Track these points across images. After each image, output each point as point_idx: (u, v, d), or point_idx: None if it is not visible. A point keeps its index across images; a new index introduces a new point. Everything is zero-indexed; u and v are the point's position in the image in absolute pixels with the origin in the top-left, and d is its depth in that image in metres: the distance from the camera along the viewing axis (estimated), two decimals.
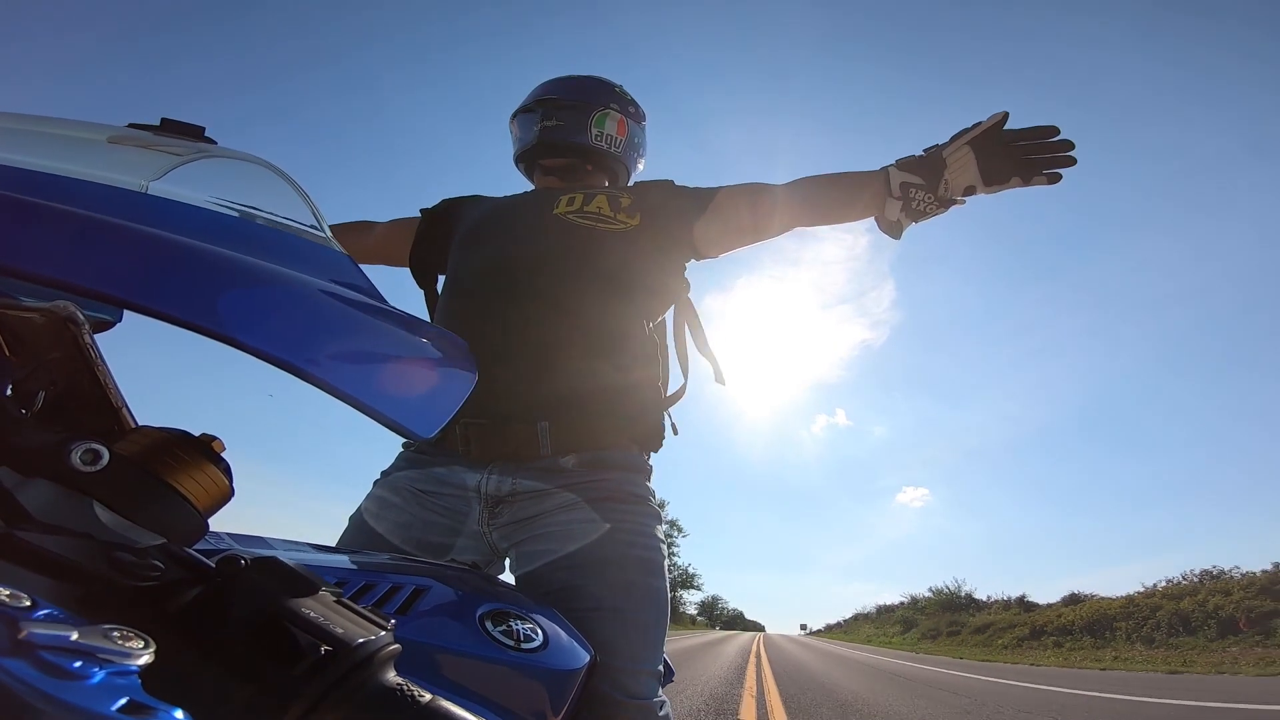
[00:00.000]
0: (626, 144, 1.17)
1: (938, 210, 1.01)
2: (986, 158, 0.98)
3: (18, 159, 0.35)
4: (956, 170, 0.99)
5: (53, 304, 0.35)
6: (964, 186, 1.00)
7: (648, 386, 0.99)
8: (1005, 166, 0.98)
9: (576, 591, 0.81)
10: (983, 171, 0.98)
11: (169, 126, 0.45)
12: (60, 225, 0.31)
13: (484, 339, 0.92)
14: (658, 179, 1.14)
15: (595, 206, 1.02)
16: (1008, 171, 0.98)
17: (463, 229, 1.11)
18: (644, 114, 1.23)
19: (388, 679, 0.31)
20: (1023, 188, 1.00)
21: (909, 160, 1.02)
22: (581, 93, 1.15)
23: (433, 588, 0.54)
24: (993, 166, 0.98)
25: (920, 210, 1.01)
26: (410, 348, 0.40)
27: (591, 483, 0.88)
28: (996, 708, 5.40)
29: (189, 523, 0.33)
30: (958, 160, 0.99)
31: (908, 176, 1.00)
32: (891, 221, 1.02)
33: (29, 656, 0.21)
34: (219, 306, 0.31)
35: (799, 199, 1.05)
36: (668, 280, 1.06)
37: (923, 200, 1.00)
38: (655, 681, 0.82)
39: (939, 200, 1.00)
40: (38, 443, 0.31)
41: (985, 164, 0.98)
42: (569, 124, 1.12)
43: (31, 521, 0.29)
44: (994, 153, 0.98)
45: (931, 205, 1.01)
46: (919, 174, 1.00)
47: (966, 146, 0.98)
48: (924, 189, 0.99)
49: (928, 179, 1.00)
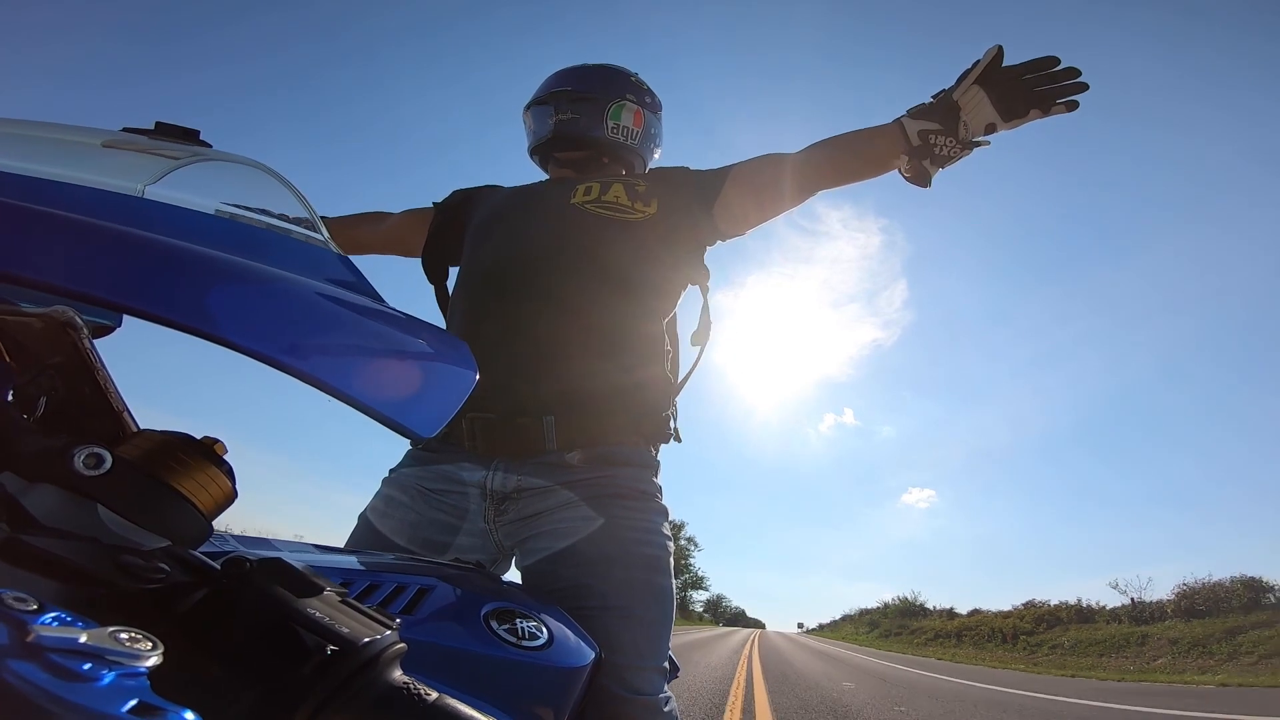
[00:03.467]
0: (643, 135, 1.15)
1: (962, 153, 1.00)
2: (999, 94, 0.96)
3: (14, 164, 0.35)
4: (972, 111, 0.97)
5: (51, 309, 0.35)
6: (984, 125, 0.98)
7: (656, 381, 0.98)
8: (1019, 100, 0.96)
9: (581, 589, 0.81)
10: (998, 106, 0.96)
11: (164, 130, 0.45)
12: (57, 230, 0.31)
13: (493, 334, 0.92)
14: (673, 165, 1.12)
15: (613, 196, 1.01)
16: (1024, 104, 0.96)
17: (477, 219, 1.10)
18: (660, 104, 1.20)
19: (394, 678, 0.31)
20: (1043, 118, 0.97)
21: (921, 108, 1.01)
22: (597, 84, 1.12)
23: (437, 587, 0.55)
24: (1007, 102, 0.96)
25: (945, 155, 0.99)
26: (409, 347, 0.40)
27: (597, 479, 0.88)
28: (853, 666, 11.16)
29: (193, 525, 0.33)
30: (970, 100, 0.97)
31: (924, 124, 0.99)
32: (917, 170, 1.01)
33: (38, 659, 0.21)
34: (216, 310, 0.31)
35: (816, 162, 1.04)
36: (685, 270, 1.05)
37: (944, 145, 0.98)
38: (660, 677, 0.82)
39: (961, 143, 0.99)
40: (41, 448, 0.31)
41: (999, 99, 0.96)
42: (584, 117, 1.10)
43: (37, 526, 0.29)
44: (1005, 88, 0.96)
45: (955, 149, 0.99)
46: (935, 119, 0.99)
47: (975, 85, 0.97)
48: (944, 134, 0.98)
49: (945, 123, 0.98)
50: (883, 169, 1.04)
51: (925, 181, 1.02)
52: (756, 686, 6.57)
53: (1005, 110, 0.97)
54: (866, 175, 1.05)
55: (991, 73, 0.96)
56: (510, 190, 1.14)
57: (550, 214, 1.02)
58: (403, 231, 1.21)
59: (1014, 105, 0.96)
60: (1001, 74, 0.96)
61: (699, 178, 1.07)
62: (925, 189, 1.02)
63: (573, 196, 1.01)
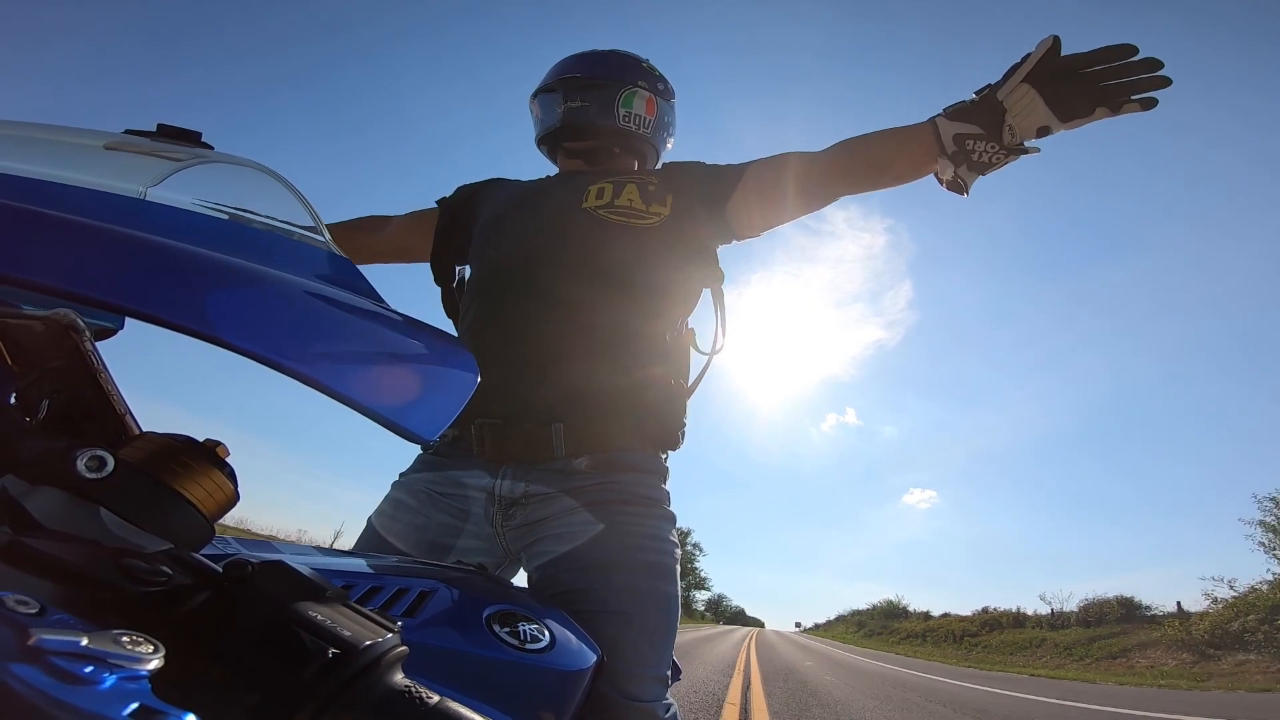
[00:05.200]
0: (656, 124, 1.10)
1: (1006, 159, 0.89)
2: (1055, 90, 0.84)
3: (16, 167, 0.35)
4: (1021, 113, 0.85)
5: (53, 312, 0.35)
6: (1035, 128, 0.86)
7: (666, 387, 0.95)
8: (1082, 96, 0.83)
9: (581, 593, 0.80)
10: (1054, 106, 0.84)
11: (165, 132, 0.45)
12: (59, 233, 0.31)
13: (503, 339, 0.91)
14: (687, 160, 1.08)
15: (626, 199, 0.97)
16: (1087, 102, 0.83)
17: (484, 218, 1.06)
18: (673, 91, 1.15)
19: (396, 681, 0.31)
20: (1112, 118, 0.84)
21: (961, 107, 0.89)
22: (607, 70, 1.07)
23: (439, 590, 0.54)
24: (1066, 98, 0.84)
25: (985, 162, 0.89)
26: (411, 350, 0.40)
27: (603, 485, 0.87)
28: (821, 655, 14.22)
29: (195, 528, 0.33)
30: (1019, 101, 0.85)
31: (962, 127, 0.88)
32: (950, 179, 0.91)
33: (40, 662, 0.21)
34: (218, 312, 0.31)
35: (838, 165, 0.97)
36: (699, 274, 1.02)
37: (985, 151, 0.88)
38: (660, 686, 0.81)
39: (1006, 149, 0.88)
40: (43, 450, 0.31)
41: (1055, 97, 0.84)
42: (594, 104, 1.05)
43: (39, 529, 0.29)
44: (1064, 83, 0.83)
45: (999, 155, 0.88)
46: (975, 122, 0.88)
47: (1025, 84, 0.84)
48: (984, 139, 0.87)
49: (988, 126, 0.87)
50: (914, 175, 0.95)
51: (963, 189, 0.92)
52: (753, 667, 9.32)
53: (1064, 109, 0.84)
54: (895, 182, 0.97)
55: (1046, 67, 0.84)
56: (518, 187, 1.11)
57: (561, 218, 0.99)
58: (406, 237, 1.17)
59: (1075, 103, 0.84)
60: (1061, 66, 0.83)
61: (713, 176, 1.02)
62: (964, 196, 0.92)
63: (584, 200, 0.98)
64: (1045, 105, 0.84)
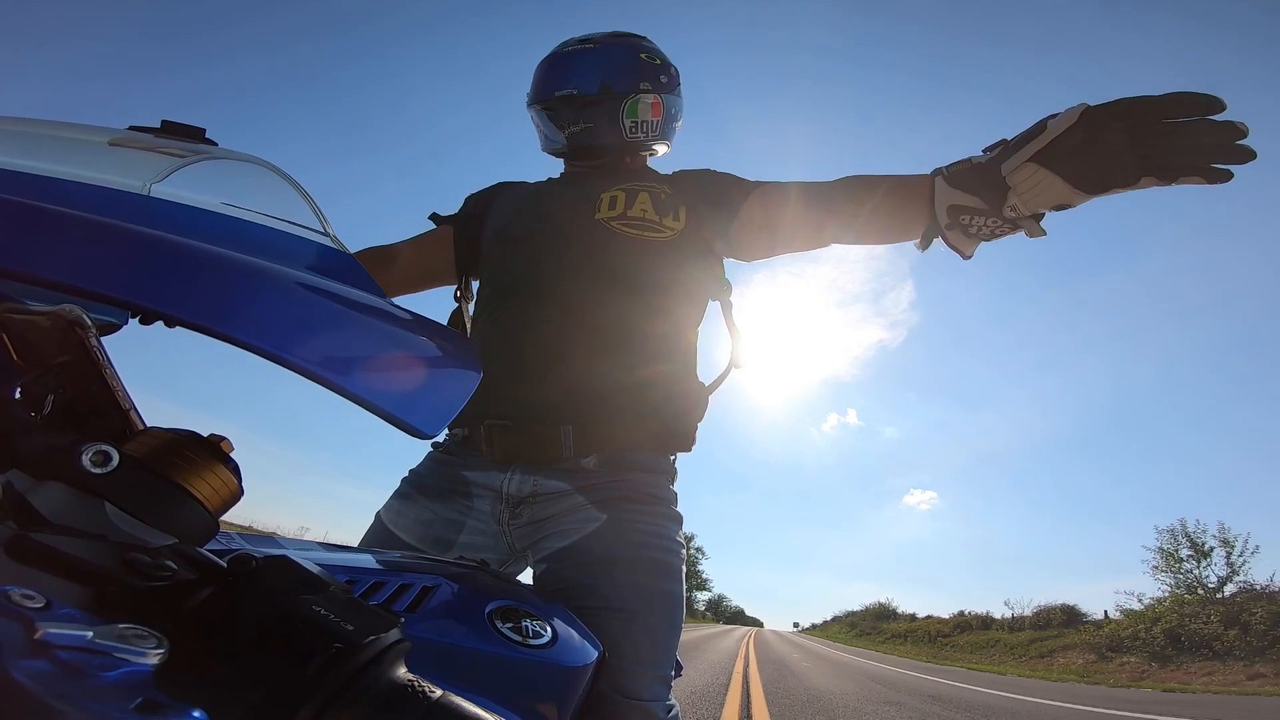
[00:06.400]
0: (664, 121, 1.06)
1: (1011, 231, 0.79)
2: (1081, 155, 0.71)
3: (19, 163, 0.35)
4: (1028, 191, 0.74)
5: (58, 307, 0.35)
6: (1050, 205, 0.75)
7: (671, 383, 0.95)
8: (1128, 157, 0.69)
9: (582, 588, 0.80)
10: (1082, 174, 0.71)
11: (169, 128, 0.45)
12: (63, 229, 0.31)
13: (509, 342, 0.91)
14: (698, 169, 1.06)
15: (639, 210, 0.96)
16: (1132, 168, 0.69)
17: (494, 226, 1.05)
18: (678, 76, 1.09)
19: (398, 676, 0.31)
20: (1160, 187, 0.70)
21: (963, 170, 0.80)
22: (605, 79, 1.02)
23: (442, 585, 0.55)
24: (1101, 161, 0.70)
25: (982, 235, 0.81)
26: (414, 346, 0.40)
27: (609, 483, 0.87)
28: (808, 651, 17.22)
29: (200, 523, 0.33)
30: (1026, 180, 0.74)
31: (960, 198, 0.79)
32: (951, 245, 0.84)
33: (45, 656, 0.21)
34: (222, 308, 0.32)
35: (836, 215, 0.93)
36: (709, 284, 1.01)
37: (982, 226, 0.79)
38: (662, 685, 0.80)
39: (1009, 222, 0.78)
40: (48, 446, 0.31)
41: (1084, 164, 0.71)
42: (598, 124, 1.01)
43: (45, 524, 0.29)
44: (1097, 144, 0.70)
45: (1000, 227, 0.79)
46: (976, 192, 0.78)
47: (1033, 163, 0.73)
48: (984, 214, 0.78)
49: (990, 201, 0.78)
50: (911, 236, 0.89)
51: (965, 253, 0.83)
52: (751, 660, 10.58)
53: (1096, 177, 0.71)
54: (893, 240, 0.92)
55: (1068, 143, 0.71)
56: (527, 190, 1.10)
57: (573, 227, 0.97)
58: (420, 263, 1.12)
59: (1113, 168, 0.70)
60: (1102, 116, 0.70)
61: (719, 195, 1.00)
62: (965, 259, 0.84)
63: (597, 210, 0.97)
64: (1064, 181, 0.72)
